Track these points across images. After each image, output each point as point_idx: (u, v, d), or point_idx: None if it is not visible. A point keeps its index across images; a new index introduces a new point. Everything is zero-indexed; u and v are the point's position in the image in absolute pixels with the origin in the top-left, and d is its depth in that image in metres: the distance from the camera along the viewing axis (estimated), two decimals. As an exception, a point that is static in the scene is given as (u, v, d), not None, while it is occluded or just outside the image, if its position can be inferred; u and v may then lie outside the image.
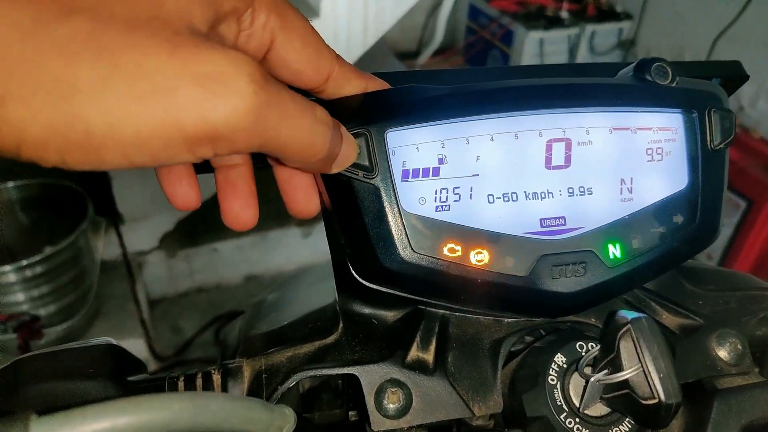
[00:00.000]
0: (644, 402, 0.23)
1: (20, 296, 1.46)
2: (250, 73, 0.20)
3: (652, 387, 0.23)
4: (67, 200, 1.52)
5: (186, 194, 0.30)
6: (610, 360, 0.25)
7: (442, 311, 0.33)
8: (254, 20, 0.25)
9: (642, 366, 0.23)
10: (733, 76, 0.41)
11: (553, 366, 0.29)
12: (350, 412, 0.36)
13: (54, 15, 0.18)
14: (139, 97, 0.19)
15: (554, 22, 2.38)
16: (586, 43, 2.46)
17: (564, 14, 2.42)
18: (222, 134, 0.20)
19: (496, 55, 2.54)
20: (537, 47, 2.36)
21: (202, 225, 1.99)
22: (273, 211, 2.14)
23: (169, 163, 0.21)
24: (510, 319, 0.33)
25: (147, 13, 0.19)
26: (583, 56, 2.43)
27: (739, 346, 0.32)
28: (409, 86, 0.31)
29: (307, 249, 2.09)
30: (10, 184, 1.52)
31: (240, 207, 0.30)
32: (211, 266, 2.03)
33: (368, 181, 0.29)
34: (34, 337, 1.47)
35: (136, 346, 1.62)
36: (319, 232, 2.12)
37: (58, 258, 1.47)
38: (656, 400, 0.23)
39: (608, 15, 2.48)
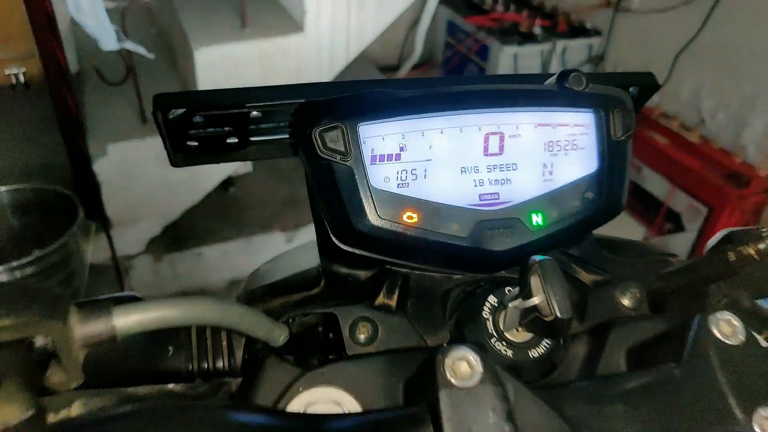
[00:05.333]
0: (546, 319, 0.32)
1: (11, 297, 1.50)
2: None
3: (552, 307, 0.31)
4: (58, 205, 1.57)
5: None
6: (523, 292, 0.33)
7: (404, 270, 0.41)
8: None
9: (545, 294, 0.32)
10: (647, 84, 0.50)
11: (486, 305, 0.37)
12: (330, 357, 0.44)
13: None
14: None
15: (528, 38, 2.50)
16: (558, 58, 2.57)
17: (537, 30, 2.54)
18: None
19: (473, 69, 2.65)
20: (511, 61, 2.47)
21: (188, 230, 2.05)
22: (256, 216, 2.21)
23: None
24: (457, 276, 0.41)
25: None
26: (555, 70, 2.54)
27: (638, 295, 0.41)
28: (376, 90, 0.39)
29: (290, 253, 2.15)
30: (3, 188, 1.57)
31: None
32: (195, 270, 2.09)
33: (344, 163, 0.37)
34: (23, 338, 1.50)
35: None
36: (301, 237, 2.19)
37: (48, 260, 1.51)
38: (554, 317, 0.31)
39: (579, 32, 2.60)
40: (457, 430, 0.25)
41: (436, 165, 0.39)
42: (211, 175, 1.96)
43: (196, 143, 0.45)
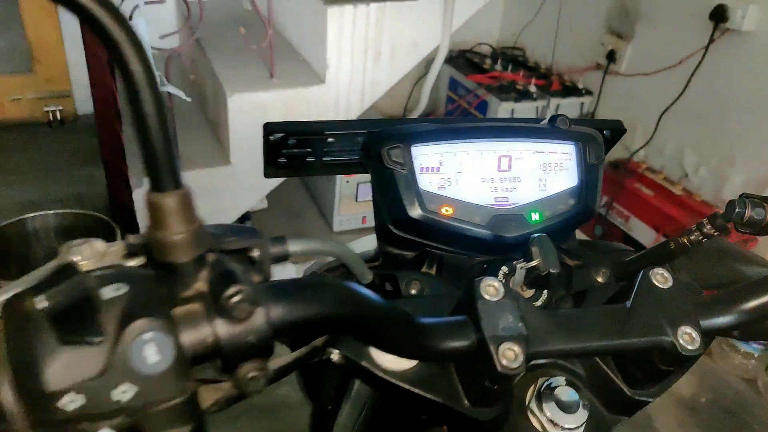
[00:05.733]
0: (542, 274, 0.47)
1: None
2: None
3: (546, 264, 0.47)
4: (97, 229, 1.73)
5: None
6: (527, 257, 0.49)
7: (439, 252, 0.57)
8: None
9: (541, 257, 0.47)
10: (616, 128, 0.68)
11: (500, 272, 0.53)
12: None
13: None
14: None
15: (524, 95, 2.70)
16: (551, 114, 2.77)
17: (532, 88, 2.75)
18: None
19: (474, 121, 2.84)
20: (508, 116, 2.67)
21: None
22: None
23: None
24: (478, 257, 0.57)
25: None
26: (549, 125, 2.75)
27: (608, 274, 0.56)
28: (423, 123, 0.56)
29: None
30: (50, 212, 1.73)
31: None
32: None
33: (402, 171, 0.53)
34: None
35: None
36: (311, 268, 2.33)
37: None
38: (547, 271, 0.47)
39: (571, 91, 2.81)
40: (489, 325, 0.40)
41: (464, 176, 0.56)
42: (232, 209, 2.13)
43: (285, 160, 0.61)
